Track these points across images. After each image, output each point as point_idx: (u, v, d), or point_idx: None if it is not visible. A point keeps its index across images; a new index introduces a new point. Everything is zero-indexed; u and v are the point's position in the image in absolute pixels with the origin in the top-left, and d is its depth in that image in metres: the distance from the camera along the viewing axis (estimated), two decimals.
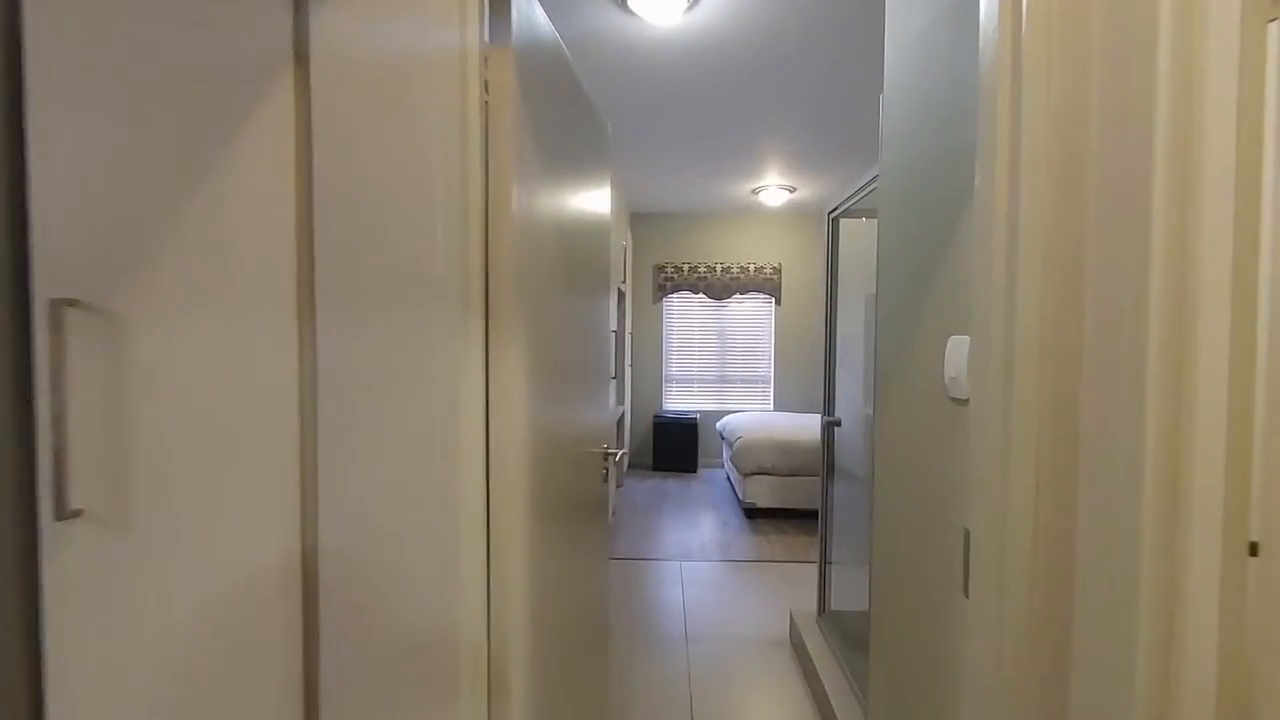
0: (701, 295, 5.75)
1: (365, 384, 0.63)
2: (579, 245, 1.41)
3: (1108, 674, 0.69)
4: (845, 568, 2.33)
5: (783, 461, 3.98)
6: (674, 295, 5.79)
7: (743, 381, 5.82)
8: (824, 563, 2.36)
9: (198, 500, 0.44)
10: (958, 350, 1.07)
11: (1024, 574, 0.77)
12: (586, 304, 1.49)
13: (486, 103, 0.89)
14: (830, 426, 2.29)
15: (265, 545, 0.50)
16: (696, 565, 3.28)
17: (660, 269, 5.74)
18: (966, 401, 1.05)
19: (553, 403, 1.16)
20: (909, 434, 1.31)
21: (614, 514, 4.07)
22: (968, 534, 0.89)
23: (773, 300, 5.76)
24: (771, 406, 5.80)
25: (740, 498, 4.19)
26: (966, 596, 0.89)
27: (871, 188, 2.01)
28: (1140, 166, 0.65)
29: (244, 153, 0.49)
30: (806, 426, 4.45)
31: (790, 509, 4.04)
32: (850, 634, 2.17)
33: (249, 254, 0.50)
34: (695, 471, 5.48)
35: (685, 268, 5.72)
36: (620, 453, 1.62)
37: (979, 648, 0.83)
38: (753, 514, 4.11)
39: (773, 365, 5.78)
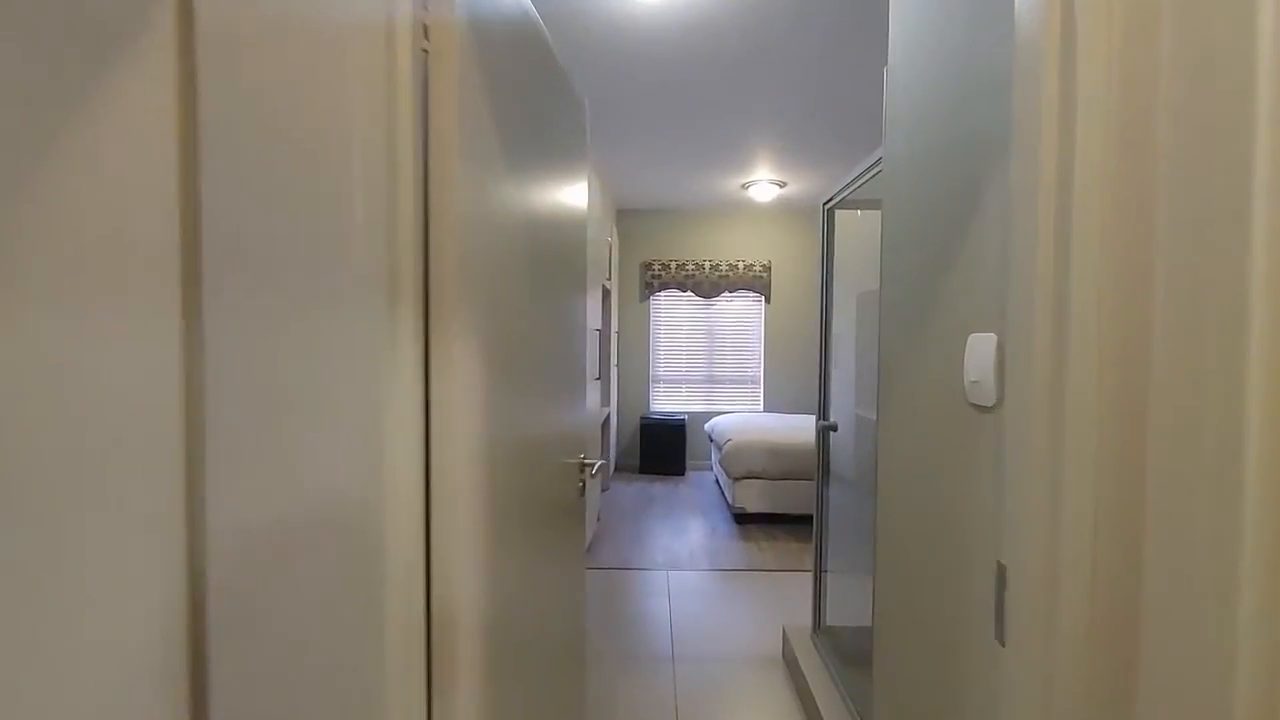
0: (690, 293, 5.61)
1: (261, 385, 0.48)
2: (551, 236, 1.25)
3: None
4: (841, 578, 2.20)
5: (773, 465, 3.85)
6: (661, 293, 5.65)
7: (731, 382, 5.69)
8: (819, 575, 2.23)
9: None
10: (981, 350, 0.93)
11: (1080, 623, 0.63)
12: (561, 301, 1.34)
13: (426, 52, 0.74)
14: (825, 431, 2.15)
15: (124, 614, 0.35)
16: (684, 575, 3.13)
17: (647, 266, 5.59)
18: (992, 409, 0.91)
19: (517, 408, 1.01)
20: (918, 442, 1.17)
21: (599, 519, 3.92)
22: (1002, 569, 0.75)
23: (762, 298, 5.63)
24: (761, 407, 5.68)
25: (729, 502, 4.05)
26: (1001, 643, 0.75)
27: (870, 175, 1.88)
28: (1232, 135, 0.51)
29: (105, 116, 0.34)
30: (798, 428, 4.33)
31: (781, 514, 3.91)
32: (848, 651, 2.04)
33: (111, 233, 0.35)
34: (683, 474, 5.34)
35: (673, 265, 5.58)
36: (598, 464, 1.47)
37: (1020, 707, 0.69)
38: (742, 519, 3.98)
39: (762, 365, 5.65)
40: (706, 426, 5.06)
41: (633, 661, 2.29)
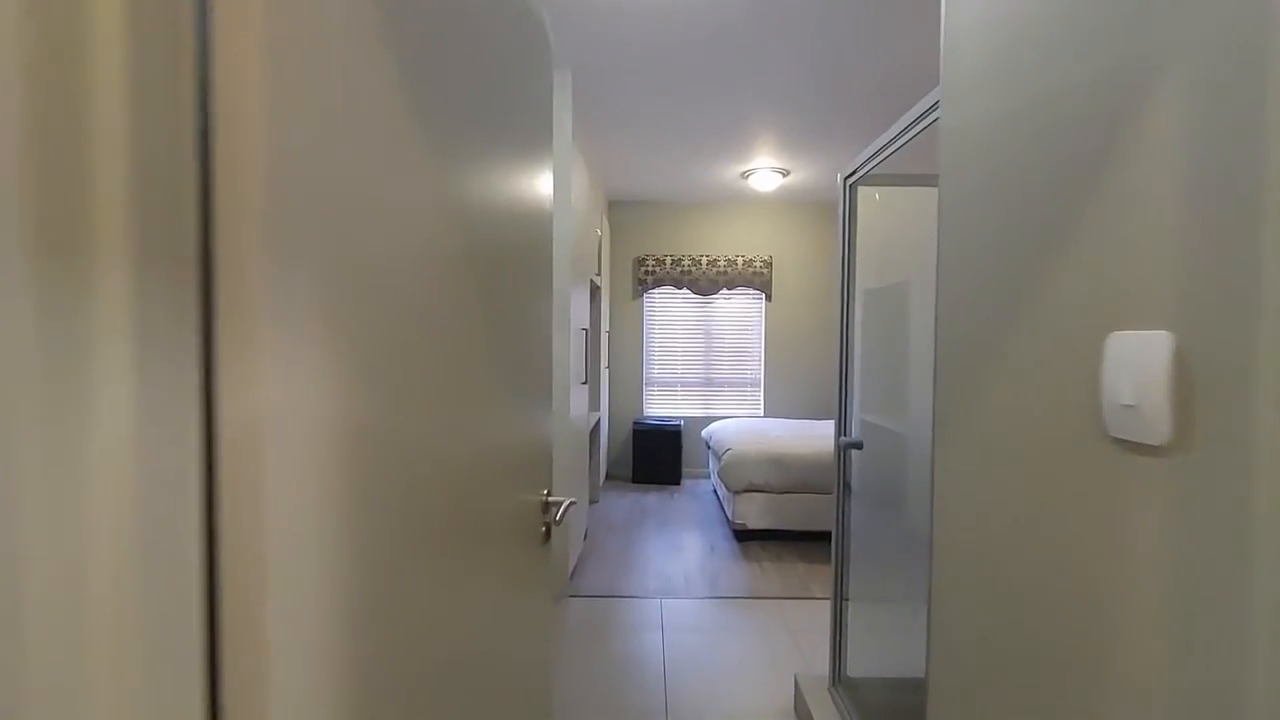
0: (686, 290, 5.27)
1: None
2: (500, 215, 0.92)
3: None
4: (863, 618, 1.86)
5: (777, 477, 3.51)
6: (656, 290, 5.31)
7: (730, 385, 5.35)
8: (839, 618, 1.89)
9: None
10: (1137, 357, 0.60)
11: None
12: (514, 305, 1.00)
13: None
14: (847, 449, 1.81)
15: None
16: (680, 604, 2.79)
17: (640, 262, 5.25)
18: (1163, 449, 0.57)
19: (420, 435, 0.67)
20: (1006, 481, 0.83)
21: (585, 537, 3.58)
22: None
23: (763, 296, 5.30)
24: (762, 412, 5.34)
25: (729, 517, 3.72)
26: None
27: (905, 141, 1.54)
28: None
29: None
30: (803, 436, 3.99)
31: (786, 531, 3.57)
32: (877, 710, 1.70)
33: None
34: (679, 483, 5.01)
35: (668, 260, 5.24)
36: (566, 502, 1.13)
37: None
38: (743, 536, 3.64)
39: (763, 367, 5.32)
40: (704, 433, 4.72)
41: (619, 717, 1.95)
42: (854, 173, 1.79)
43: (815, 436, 4.00)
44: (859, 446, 1.75)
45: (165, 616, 0.38)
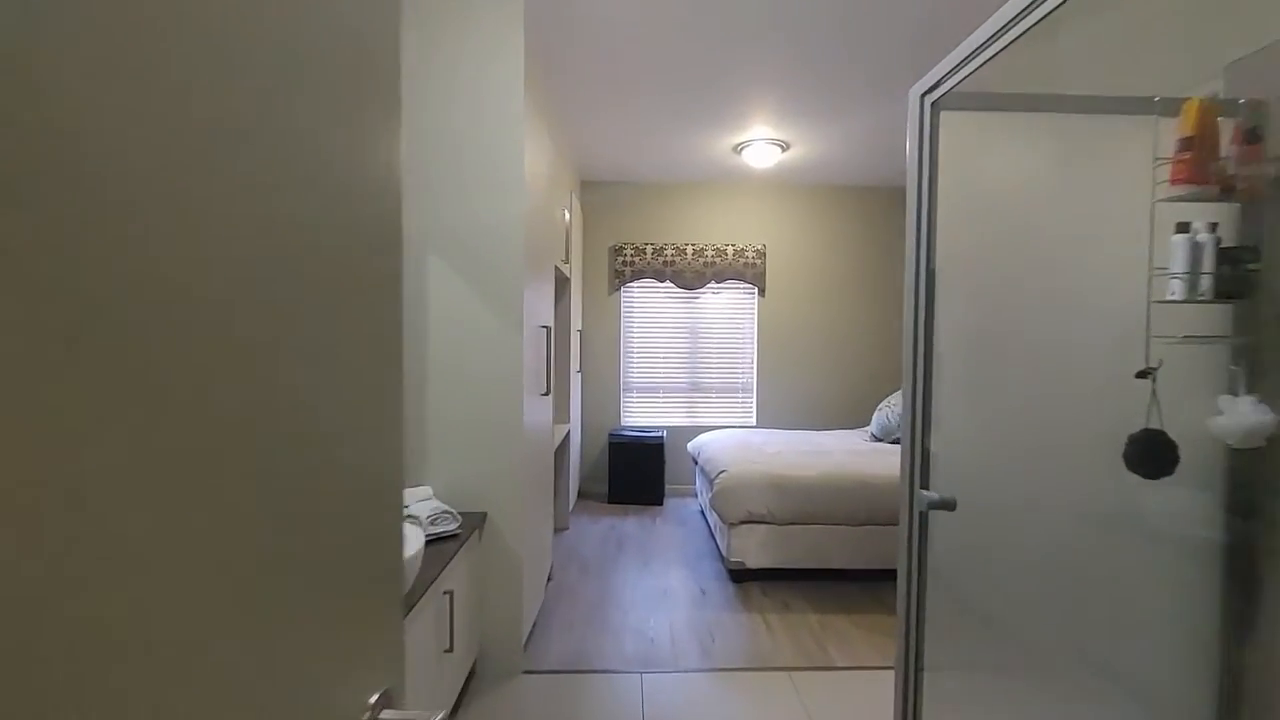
0: (669, 284, 4.66)
1: None
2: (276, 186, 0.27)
3: None
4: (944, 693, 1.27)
5: (781, 505, 2.91)
6: (634, 284, 4.68)
7: (719, 391, 4.75)
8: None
9: None
10: None
11: None
12: (323, 303, 0.36)
13: None
14: (931, 510, 1.19)
15: None
16: (665, 680, 2.17)
17: (618, 251, 4.62)
18: None
19: None
20: None
21: (549, 580, 2.94)
22: None
23: (755, 290, 4.70)
24: (754, 421, 4.75)
25: (723, 553, 3.10)
26: None
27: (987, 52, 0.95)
28: None
29: None
30: (808, 453, 3.40)
31: (792, 570, 2.97)
32: None
33: None
34: (661, 504, 4.39)
35: (649, 249, 4.62)
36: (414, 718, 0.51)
37: None
38: (741, 576, 3.03)
39: (755, 371, 4.73)
40: (691, 447, 4.10)
41: None
42: (936, 87, 1.18)
43: (821, 453, 3.41)
44: (950, 507, 1.14)
45: None
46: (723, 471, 3.06)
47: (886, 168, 4.18)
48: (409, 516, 1.82)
